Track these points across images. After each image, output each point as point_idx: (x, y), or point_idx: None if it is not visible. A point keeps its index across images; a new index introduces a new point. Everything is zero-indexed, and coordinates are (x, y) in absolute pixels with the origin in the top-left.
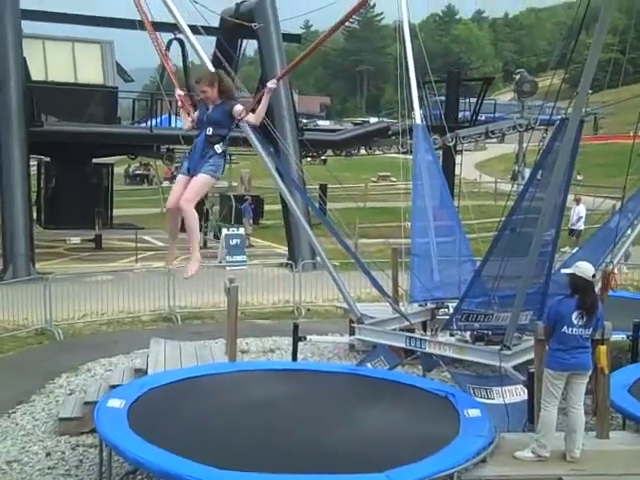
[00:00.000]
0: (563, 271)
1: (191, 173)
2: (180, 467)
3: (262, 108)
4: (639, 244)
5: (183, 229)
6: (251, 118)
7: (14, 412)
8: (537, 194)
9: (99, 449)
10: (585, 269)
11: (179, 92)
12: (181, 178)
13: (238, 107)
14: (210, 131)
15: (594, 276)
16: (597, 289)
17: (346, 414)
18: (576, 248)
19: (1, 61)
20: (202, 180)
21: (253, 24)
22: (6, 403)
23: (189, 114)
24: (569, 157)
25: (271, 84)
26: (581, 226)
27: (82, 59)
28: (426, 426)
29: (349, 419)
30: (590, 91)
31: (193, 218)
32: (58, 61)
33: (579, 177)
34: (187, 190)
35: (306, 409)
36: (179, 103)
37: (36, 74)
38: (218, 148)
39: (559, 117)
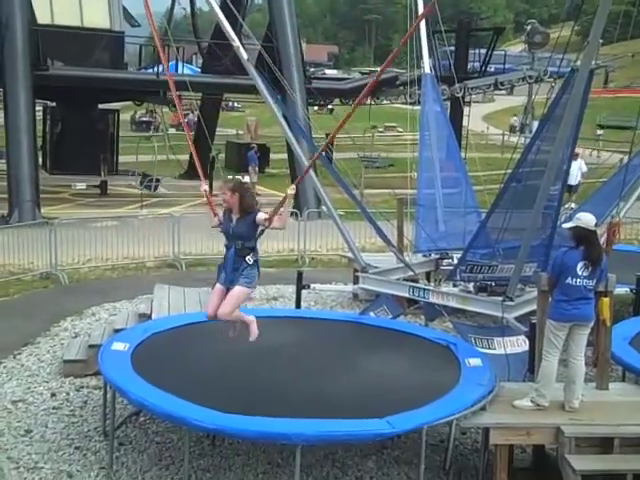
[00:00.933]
0: (564, 225)
1: (227, 286)
2: (183, 409)
3: (285, 213)
4: None
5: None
6: (276, 224)
7: (19, 353)
8: (544, 147)
9: (103, 391)
10: (587, 220)
11: (204, 187)
12: (217, 289)
13: (261, 216)
14: (239, 245)
15: (596, 225)
16: (602, 241)
17: (348, 362)
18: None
19: (6, 3)
20: (237, 293)
21: None
22: (12, 345)
23: (215, 214)
24: (578, 109)
25: (290, 190)
26: (576, 181)
27: (89, 3)
28: (427, 374)
29: (351, 366)
30: (601, 40)
31: (238, 316)
32: (64, 4)
33: (599, 132)
34: (224, 303)
35: (308, 356)
36: (205, 199)
37: (42, 17)
38: (250, 260)
39: (568, 69)
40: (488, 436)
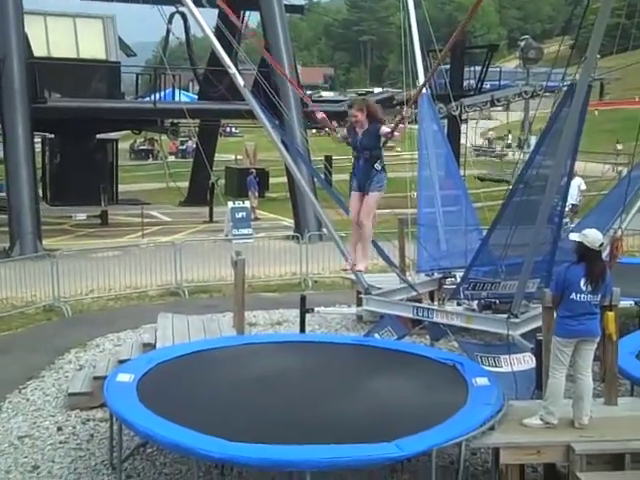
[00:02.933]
0: (571, 236)
1: (362, 191)
2: (190, 439)
3: (403, 128)
4: None
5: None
6: (397, 134)
7: (25, 388)
8: (544, 161)
9: (109, 423)
10: (593, 239)
11: (322, 115)
12: (354, 195)
13: (384, 129)
14: (367, 155)
15: (601, 245)
16: (605, 255)
17: (354, 385)
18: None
19: (3, 38)
20: (373, 198)
21: None
22: (16, 379)
23: (335, 132)
24: (577, 123)
25: (404, 112)
26: (576, 200)
27: (84, 34)
28: (434, 395)
29: (358, 390)
30: (598, 56)
31: (369, 231)
32: (60, 37)
33: (619, 146)
34: (363, 209)
35: (314, 380)
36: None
37: (38, 50)
38: (378, 166)
39: (566, 84)
40: (498, 456)
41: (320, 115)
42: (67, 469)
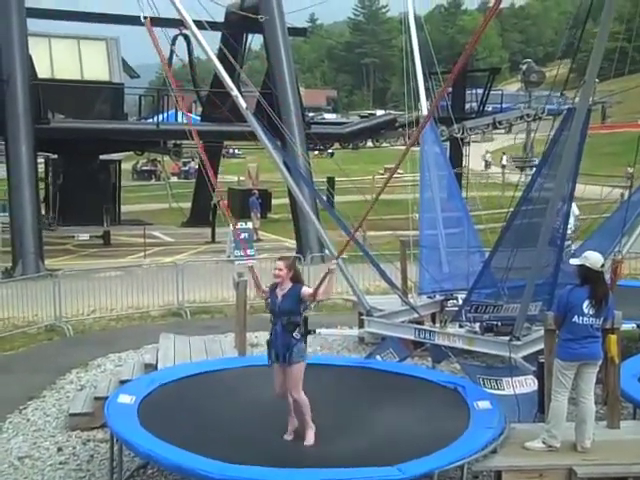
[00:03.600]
0: (572, 261)
1: (281, 364)
2: (190, 461)
3: (330, 286)
4: None
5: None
6: (321, 297)
7: (25, 408)
8: (546, 184)
9: (110, 444)
10: (594, 260)
11: (250, 263)
12: (276, 368)
13: (305, 290)
14: (285, 321)
15: (603, 265)
16: (607, 278)
17: (356, 407)
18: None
19: (7, 59)
20: (296, 372)
21: (259, 16)
22: (17, 399)
23: (262, 290)
24: (577, 146)
25: (332, 266)
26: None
27: (88, 56)
28: (436, 419)
29: (359, 412)
30: (597, 80)
31: (305, 404)
32: (64, 58)
33: (629, 169)
34: (289, 383)
35: (316, 403)
36: (252, 275)
37: (42, 72)
38: (297, 335)
39: (566, 107)
40: (501, 479)
41: (250, 263)
42: None
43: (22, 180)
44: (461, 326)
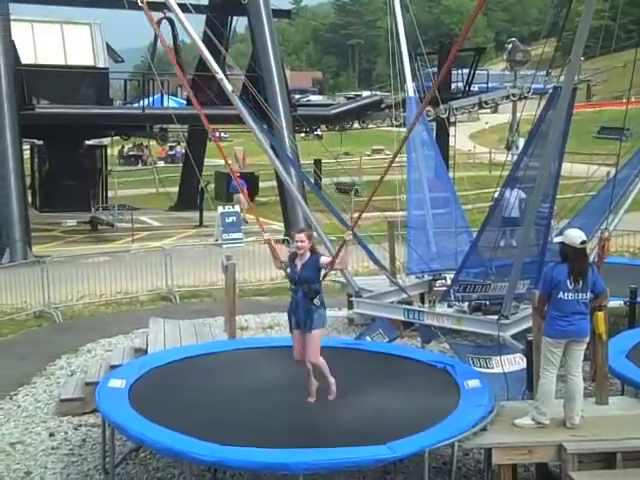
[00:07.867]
0: (556, 239)
1: (302, 330)
2: (183, 443)
3: (346, 254)
4: (634, 210)
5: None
6: (338, 265)
7: (16, 394)
8: (531, 163)
9: (102, 428)
10: (572, 237)
11: (268, 236)
12: (296, 334)
13: (324, 259)
14: (306, 288)
15: (584, 242)
16: (593, 255)
17: (346, 388)
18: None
19: None
20: (316, 338)
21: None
22: (8, 385)
23: (281, 260)
24: (563, 125)
25: (347, 236)
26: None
27: (71, 41)
28: (426, 397)
29: (349, 393)
30: (582, 58)
31: (324, 366)
32: (47, 43)
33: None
34: (309, 350)
35: (306, 384)
36: (271, 247)
37: (26, 57)
38: (317, 302)
39: (551, 86)
40: (491, 456)
41: (267, 236)
42: (60, 475)
43: (8, 167)
44: (450, 306)
